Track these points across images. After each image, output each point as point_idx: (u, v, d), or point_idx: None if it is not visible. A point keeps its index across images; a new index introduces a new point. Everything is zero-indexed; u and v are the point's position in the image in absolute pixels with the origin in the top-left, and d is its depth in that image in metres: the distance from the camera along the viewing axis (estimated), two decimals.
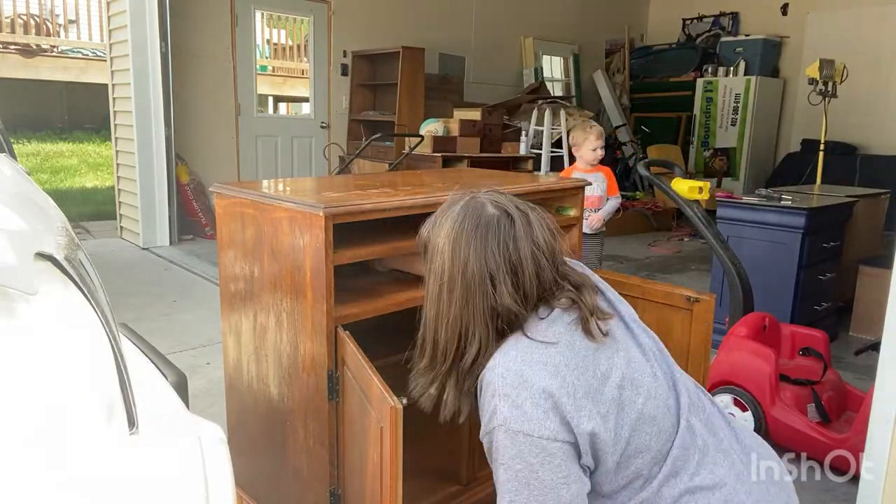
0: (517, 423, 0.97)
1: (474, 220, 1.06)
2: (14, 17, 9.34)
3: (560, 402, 0.97)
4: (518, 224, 1.05)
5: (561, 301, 1.06)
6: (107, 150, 9.34)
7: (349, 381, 1.43)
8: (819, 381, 2.43)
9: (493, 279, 1.03)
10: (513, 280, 1.03)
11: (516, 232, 1.05)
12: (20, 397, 0.66)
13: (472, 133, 5.49)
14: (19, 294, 0.68)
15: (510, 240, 1.04)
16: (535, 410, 0.97)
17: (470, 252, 1.04)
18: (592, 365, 1.02)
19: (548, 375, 0.99)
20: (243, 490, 1.79)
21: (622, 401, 1.01)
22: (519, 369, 1.00)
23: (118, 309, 1.02)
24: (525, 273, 1.04)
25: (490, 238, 1.04)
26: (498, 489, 1.02)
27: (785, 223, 3.23)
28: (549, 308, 1.06)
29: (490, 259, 1.03)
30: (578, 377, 1.00)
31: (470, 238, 1.05)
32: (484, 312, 1.04)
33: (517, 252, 1.04)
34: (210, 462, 0.79)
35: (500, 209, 1.07)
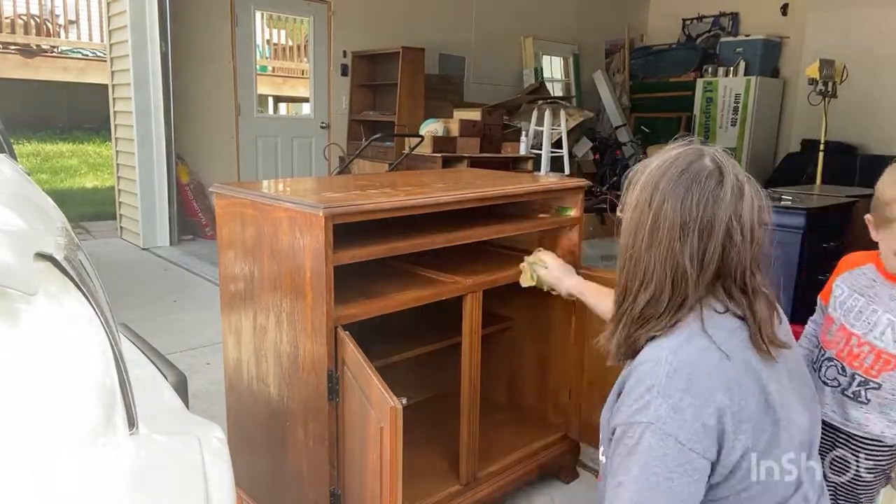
0: (672, 427, 0.91)
1: (684, 164, 0.99)
2: (14, 17, 9.34)
3: (724, 421, 0.92)
4: (727, 187, 0.97)
5: (731, 304, 0.99)
6: (107, 150, 9.34)
7: (349, 382, 1.43)
8: None
9: (683, 230, 0.96)
10: (699, 241, 0.96)
11: (721, 194, 0.97)
12: (20, 397, 0.66)
13: (472, 133, 5.49)
14: (19, 294, 0.68)
15: (711, 198, 0.96)
16: (696, 422, 0.91)
17: (668, 194, 0.98)
18: (758, 389, 0.96)
19: (719, 390, 0.93)
20: (243, 490, 1.79)
21: (770, 439, 0.96)
22: (689, 372, 0.94)
23: (118, 309, 1.02)
24: (713, 240, 0.96)
25: (694, 188, 0.97)
26: (621, 482, 0.95)
27: (785, 223, 3.22)
28: (724, 305, 0.99)
29: (685, 208, 0.96)
30: (746, 399, 0.94)
31: (672, 180, 0.98)
32: (665, 260, 0.98)
33: (713, 214, 0.96)
34: (210, 462, 0.79)
35: (715, 165, 0.99)
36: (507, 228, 1.92)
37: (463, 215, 1.83)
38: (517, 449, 2.04)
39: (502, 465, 1.97)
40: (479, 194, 1.78)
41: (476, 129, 5.53)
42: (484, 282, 1.79)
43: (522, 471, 2.03)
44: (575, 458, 2.22)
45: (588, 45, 8.90)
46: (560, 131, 5.99)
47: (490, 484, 1.92)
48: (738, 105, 7.83)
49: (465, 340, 1.78)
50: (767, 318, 1.00)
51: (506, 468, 1.98)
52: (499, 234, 1.90)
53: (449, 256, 1.87)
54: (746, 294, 1.00)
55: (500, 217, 2.00)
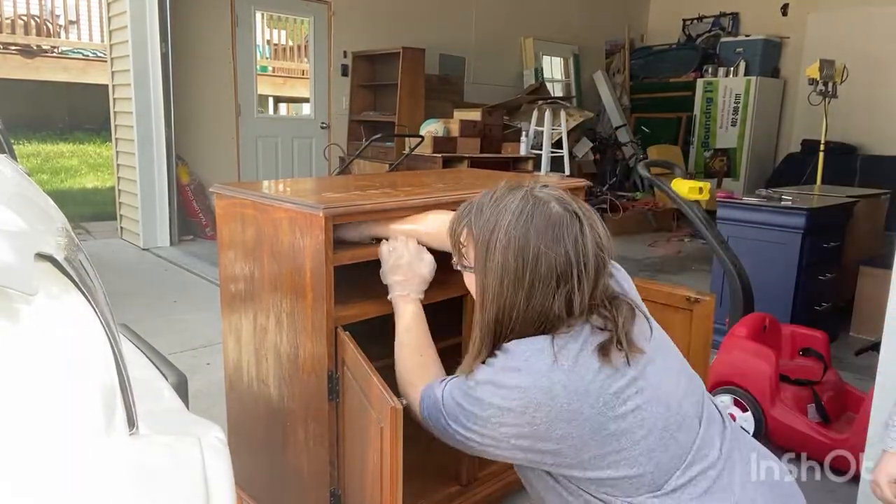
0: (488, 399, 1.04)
1: (543, 215, 1.02)
2: (14, 17, 9.34)
3: (533, 420, 1.00)
4: (585, 225, 1.03)
5: (593, 318, 1.04)
6: (107, 150, 9.34)
7: (349, 382, 1.43)
8: (819, 382, 2.43)
9: (563, 279, 1.01)
10: (579, 283, 1.01)
11: (584, 233, 1.02)
12: (19, 398, 0.66)
13: (472, 133, 5.49)
14: (19, 294, 0.68)
15: (580, 240, 1.01)
16: (505, 403, 1.02)
17: (541, 251, 1.00)
18: (596, 392, 1.00)
19: (541, 392, 0.99)
20: (243, 490, 1.79)
21: (615, 431, 1.00)
22: (519, 369, 1.02)
23: (118, 309, 1.02)
24: (588, 277, 1.01)
25: (565, 236, 1.01)
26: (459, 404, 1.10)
27: (785, 223, 3.22)
28: (581, 319, 1.03)
29: (562, 259, 1.00)
30: (571, 402, 0.99)
31: (541, 235, 1.01)
32: (541, 310, 1.02)
33: (586, 253, 1.01)
34: (210, 462, 0.79)
35: (564, 208, 1.04)
36: None
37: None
38: None
39: (502, 466, 1.97)
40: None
41: (476, 130, 5.53)
42: None
43: None
44: None
45: (588, 45, 8.90)
46: (560, 131, 5.99)
47: (490, 484, 1.92)
48: (738, 105, 7.83)
49: (465, 340, 1.78)
50: (627, 324, 1.04)
51: (506, 468, 1.97)
52: None
53: (449, 256, 1.87)
54: (607, 306, 1.05)
55: None
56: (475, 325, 1.11)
